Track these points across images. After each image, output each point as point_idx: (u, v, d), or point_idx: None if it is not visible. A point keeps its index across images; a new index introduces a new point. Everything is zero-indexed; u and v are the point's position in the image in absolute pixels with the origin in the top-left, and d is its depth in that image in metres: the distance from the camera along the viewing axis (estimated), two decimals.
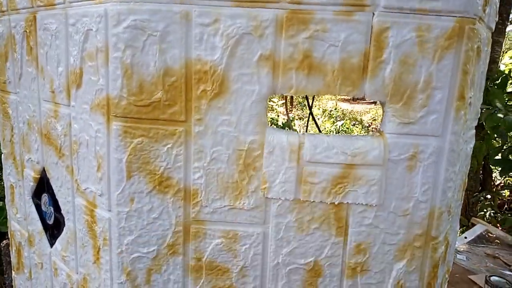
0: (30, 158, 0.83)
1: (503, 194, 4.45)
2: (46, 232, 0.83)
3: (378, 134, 0.60)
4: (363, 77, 0.56)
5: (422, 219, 0.60)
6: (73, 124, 0.68)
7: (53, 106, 0.72)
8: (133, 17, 0.56)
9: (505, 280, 1.52)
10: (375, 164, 0.58)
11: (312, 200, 0.59)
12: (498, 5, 0.68)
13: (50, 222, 0.81)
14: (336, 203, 0.59)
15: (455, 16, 0.54)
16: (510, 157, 3.21)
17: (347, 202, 0.60)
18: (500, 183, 4.57)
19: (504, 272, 1.85)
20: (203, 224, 0.62)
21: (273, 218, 0.61)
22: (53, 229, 0.80)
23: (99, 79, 0.60)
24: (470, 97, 0.60)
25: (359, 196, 0.59)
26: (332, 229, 0.61)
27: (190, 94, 0.57)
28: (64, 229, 0.76)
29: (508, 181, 4.22)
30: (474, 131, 0.70)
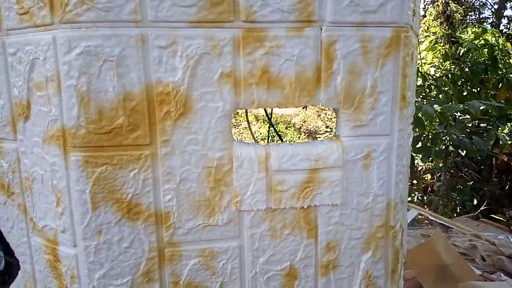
0: None
1: (426, 178, 4.92)
2: None
3: (334, 138, 0.64)
4: (317, 87, 0.60)
5: (381, 211, 0.66)
6: (22, 159, 0.63)
7: None
8: (86, 43, 0.54)
9: None
10: (336, 166, 0.62)
11: (283, 207, 0.62)
12: (420, 13, 0.77)
13: (0, 268, 0.74)
14: (305, 207, 0.63)
15: (392, 27, 0.61)
16: (429, 144, 3.56)
17: (315, 205, 0.63)
18: (422, 168, 5.04)
19: None
20: (178, 246, 0.61)
21: (247, 230, 0.62)
22: (4, 276, 0.73)
23: (51, 109, 0.57)
24: (409, 97, 0.67)
25: (325, 197, 0.63)
26: (303, 232, 0.64)
27: (153, 117, 0.57)
28: (19, 273, 0.70)
29: (429, 165, 4.67)
30: (412, 126, 0.78)
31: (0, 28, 0.61)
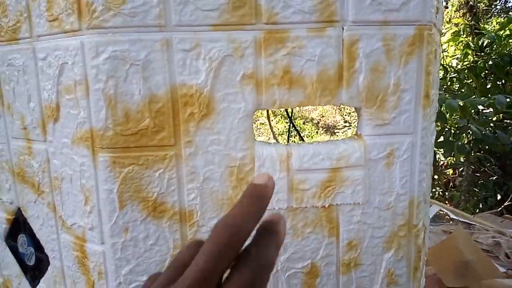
0: (1, 199, 0.78)
1: (448, 173, 4.82)
2: (26, 274, 0.79)
3: (356, 137, 0.64)
4: (339, 86, 0.60)
5: (403, 210, 0.66)
6: (52, 159, 0.66)
7: (25, 143, 0.69)
8: (113, 48, 0.55)
9: None
10: (358, 165, 0.63)
11: (304, 206, 0.63)
12: (443, 9, 0.76)
13: (31, 263, 0.77)
14: (326, 206, 0.63)
15: (415, 25, 0.60)
16: (451, 139, 3.49)
17: (336, 204, 0.63)
18: (444, 163, 4.94)
19: None
20: None
21: None
22: (35, 271, 0.76)
23: (80, 112, 0.59)
24: (433, 95, 0.66)
25: (347, 196, 0.63)
26: (325, 230, 0.64)
27: (177, 118, 0.58)
28: (49, 268, 0.73)
29: (451, 160, 4.58)
30: (435, 124, 0.77)
31: (31, 34, 0.64)
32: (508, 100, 3.29)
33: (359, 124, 0.64)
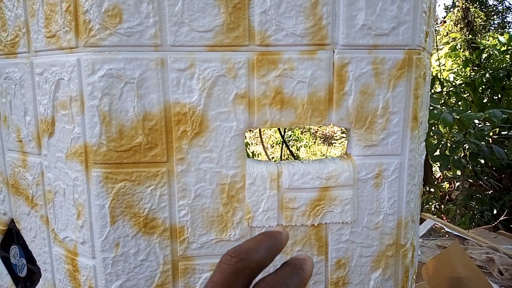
0: None
1: (444, 187, 4.83)
2: (17, 285, 0.79)
3: (346, 157, 0.65)
4: (329, 108, 0.62)
5: (391, 230, 0.67)
6: (46, 173, 0.67)
7: (20, 155, 0.70)
8: (108, 66, 0.57)
9: None
10: (347, 185, 0.64)
11: (293, 224, 0.64)
12: (434, 33, 0.77)
13: (22, 274, 0.77)
14: (315, 224, 0.64)
15: (404, 49, 0.62)
16: (447, 153, 3.51)
17: (325, 222, 0.64)
18: (440, 176, 4.95)
19: None
20: (192, 260, 0.63)
21: None
22: (26, 282, 0.77)
23: (75, 128, 0.60)
24: (421, 117, 0.68)
25: (336, 215, 0.64)
26: (314, 249, 0.65)
27: (170, 136, 0.59)
28: (40, 280, 0.73)
29: (447, 174, 4.59)
30: (425, 143, 0.79)
31: (29, 49, 0.65)
32: (504, 114, 3.32)
33: (348, 145, 0.65)
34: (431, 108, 3.35)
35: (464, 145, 3.60)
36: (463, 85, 4.25)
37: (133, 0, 0.56)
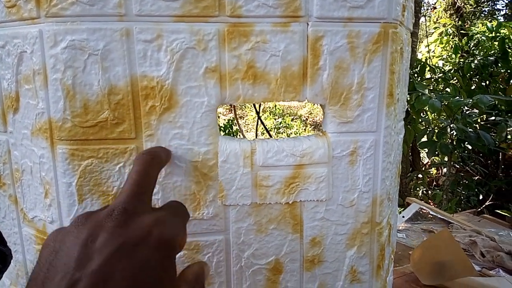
0: None
1: (431, 172, 4.89)
2: None
3: (321, 134, 0.64)
4: (303, 83, 0.60)
5: (366, 208, 0.66)
6: (12, 151, 0.64)
7: None
8: (71, 37, 0.54)
9: None
10: (322, 162, 0.63)
11: (268, 202, 0.62)
12: (413, 8, 0.76)
13: None
14: (290, 202, 0.63)
15: (379, 22, 0.60)
16: (434, 139, 3.53)
17: (300, 200, 0.63)
18: (428, 162, 5.01)
19: None
20: None
21: (232, 224, 0.63)
22: None
23: (39, 103, 0.58)
24: (398, 94, 0.66)
25: (310, 193, 0.63)
26: (289, 227, 0.64)
27: (138, 111, 0.57)
28: (12, 262, 0.71)
29: (435, 160, 4.64)
30: (403, 122, 0.78)
31: None
32: (491, 100, 3.34)
33: (324, 122, 0.64)
34: (420, 94, 3.35)
35: (452, 132, 3.62)
36: (452, 71, 4.26)
37: None
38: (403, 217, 2.40)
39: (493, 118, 3.72)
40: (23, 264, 0.70)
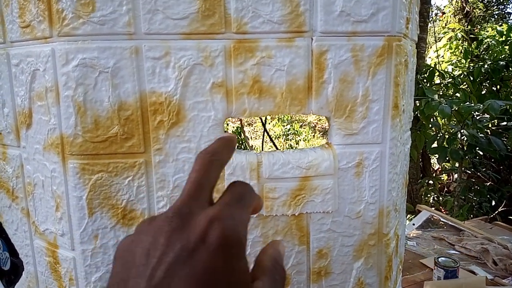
0: None
1: (442, 179, 4.83)
2: (1, 278, 0.79)
3: (327, 146, 0.65)
4: (308, 96, 0.61)
5: (373, 219, 0.66)
6: (25, 165, 0.66)
7: (0, 148, 0.70)
8: (82, 56, 0.56)
9: (451, 259, 1.66)
10: (328, 174, 0.63)
11: (274, 214, 0.63)
12: (418, 20, 0.76)
13: (6, 267, 0.77)
14: (296, 214, 0.64)
15: (383, 35, 0.61)
16: (445, 144, 3.50)
17: (306, 212, 0.64)
18: (439, 168, 4.95)
19: (450, 252, 2.02)
20: None
21: None
22: (10, 275, 0.77)
23: (51, 119, 0.60)
24: (403, 105, 0.67)
25: (317, 205, 0.64)
26: (295, 239, 0.65)
27: (147, 126, 0.59)
28: (23, 273, 0.73)
29: (445, 166, 4.58)
30: (410, 132, 0.78)
31: (5, 40, 0.64)
32: (502, 105, 3.30)
33: (329, 133, 0.64)
34: (429, 99, 3.33)
35: (463, 137, 3.58)
36: (461, 76, 4.22)
37: None
38: (413, 224, 2.38)
39: (504, 123, 3.67)
40: (35, 276, 0.72)
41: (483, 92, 4.15)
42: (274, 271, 0.29)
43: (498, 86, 4.20)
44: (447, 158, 3.46)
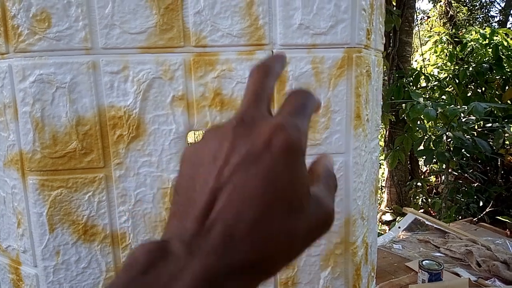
0: None
1: (431, 180, 4.87)
2: None
3: None
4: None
5: (339, 228, 0.66)
6: None
7: None
8: (39, 71, 0.56)
9: (435, 262, 1.67)
10: None
11: None
12: (383, 30, 0.77)
13: None
14: None
15: (343, 47, 0.61)
16: (431, 147, 3.53)
17: None
18: (427, 170, 4.99)
19: (435, 254, 2.04)
20: None
21: None
22: None
23: (10, 135, 0.59)
24: (367, 114, 0.67)
25: None
26: None
27: (106, 140, 0.58)
28: None
29: (433, 168, 4.62)
30: (378, 141, 0.78)
31: None
32: (486, 107, 3.34)
33: None
34: (415, 102, 3.36)
35: (449, 139, 3.62)
36: (447, 79, 4.27)
37: (62, 4, 0.54)
38: (399, 227, 2.39)
39: (489, 124, 3.72)
40: None
41: (468, 94, 4.20)
42: (327, 178, 0.30)
43: (483, 88, 4.26)
44: (434, 160, 3.49)
